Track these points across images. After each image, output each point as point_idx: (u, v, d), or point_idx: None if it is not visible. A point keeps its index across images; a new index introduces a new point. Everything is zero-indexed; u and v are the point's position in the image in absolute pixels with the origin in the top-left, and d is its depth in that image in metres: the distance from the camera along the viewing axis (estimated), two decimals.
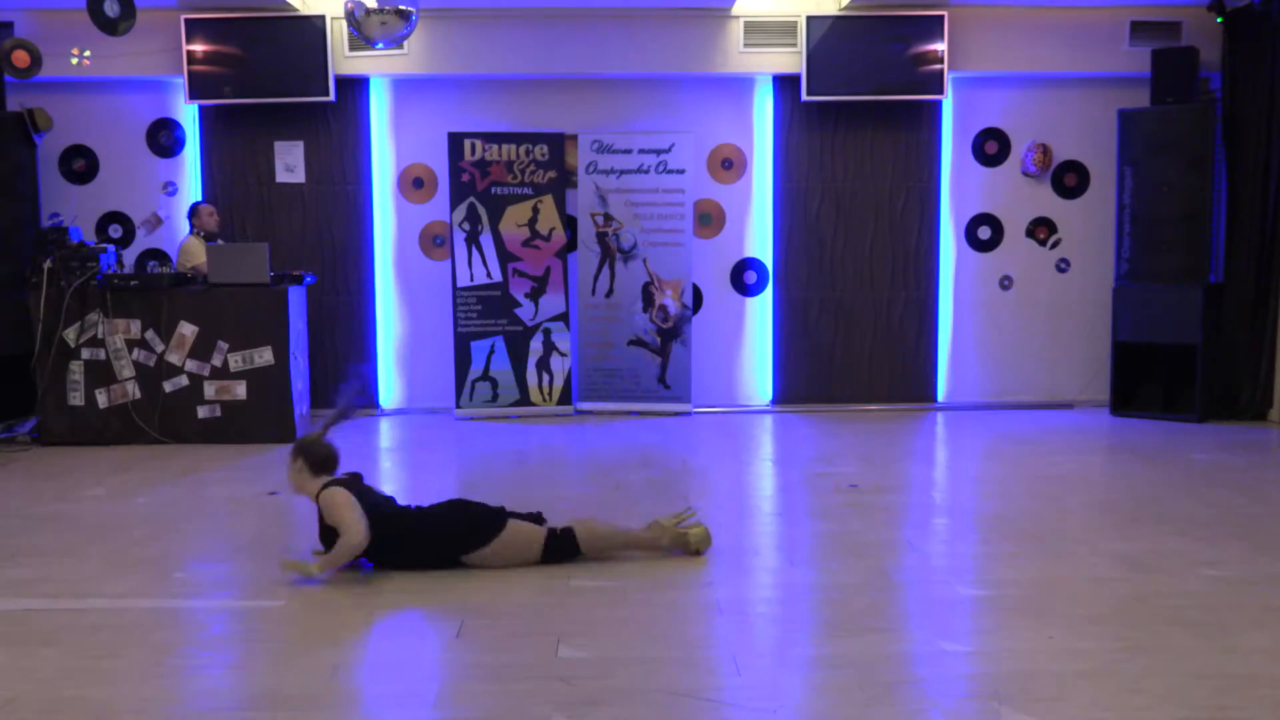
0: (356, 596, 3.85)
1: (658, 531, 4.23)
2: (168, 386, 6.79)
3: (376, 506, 4.07)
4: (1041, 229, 8.25)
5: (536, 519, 4.23)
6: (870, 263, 8.18)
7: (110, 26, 6.74)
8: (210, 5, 7.59)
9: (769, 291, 8.24)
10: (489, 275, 7.89)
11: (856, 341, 8.22)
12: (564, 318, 7.98)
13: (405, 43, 6.65)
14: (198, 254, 7.19)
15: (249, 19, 7.62)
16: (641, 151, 7.92)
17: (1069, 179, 8.23)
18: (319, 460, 4.15)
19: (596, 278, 8.01)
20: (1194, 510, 5.00)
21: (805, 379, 8.23)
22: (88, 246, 6.82)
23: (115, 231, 8.04)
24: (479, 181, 7.85)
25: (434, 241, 8.14)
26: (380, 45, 5.71)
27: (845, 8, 7.68)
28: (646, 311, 7.99)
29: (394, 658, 3.29)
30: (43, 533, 4.76)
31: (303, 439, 4.26)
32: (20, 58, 7.33)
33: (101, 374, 6.77)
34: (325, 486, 4.06)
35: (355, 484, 4.14)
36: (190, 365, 6.79)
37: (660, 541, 4.22)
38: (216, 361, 6.79)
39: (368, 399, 4.17)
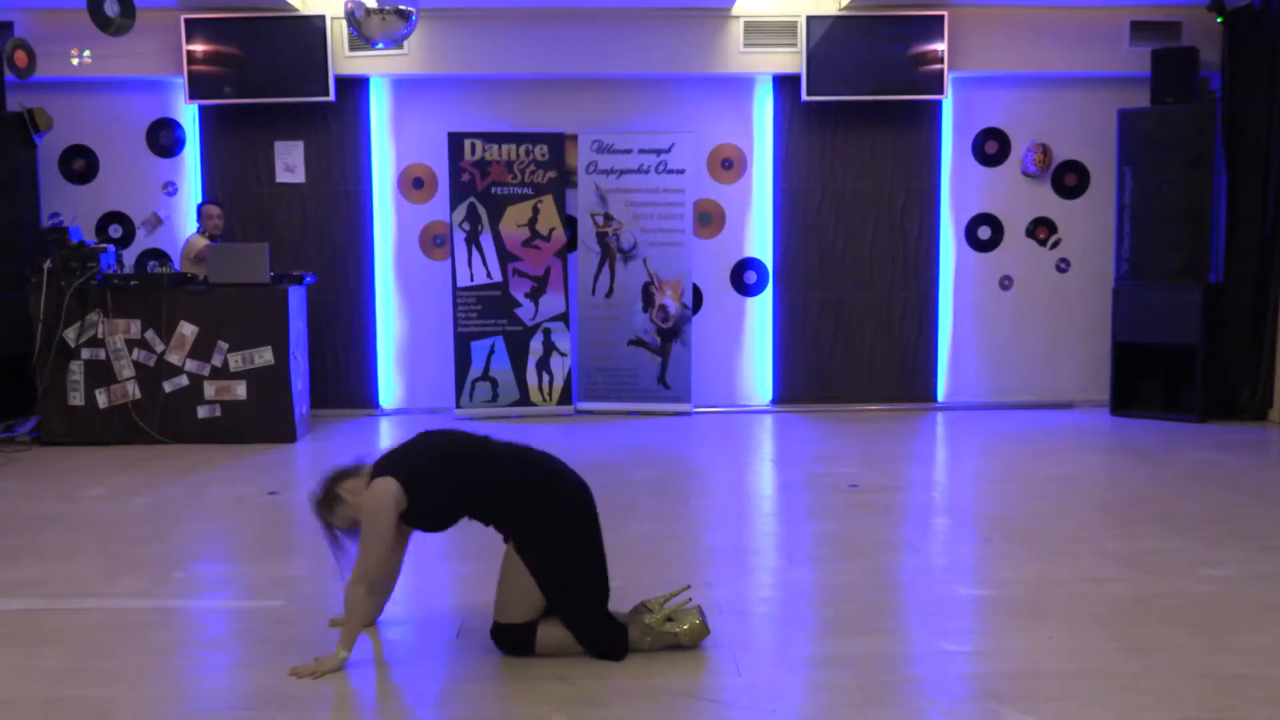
0: None
1: (641, 631, 3.24)
2: (168, 386, 6.79)
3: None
4: (1041, 229, 8.25)
5: None
6: (870, 263, 8.18)
7: (109, 27, 6.73)
8: (210, 5, 7.59)
9: (769, 291, 8.24)
10: (489, 275, 7.89)
11: (856, 341, 8.22)
12: (564, 318, 7.98)
13: (405, 43, 6.65)
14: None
15: (249, 19, 7.62)
16: (641, 151, 7.92)
17: (1069, 179, 8.22)
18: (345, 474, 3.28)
19: (596, 278, 8.00)
20: (1194, 510, 5.00)
21: (805, 379, 8.23)
22: (88, 246, 6.82)
23: (115, 231, 8.03)
24: (479, 181, 7.84)
25: (434, 241, 8.14)
26: (380, 45, 5.71)
27: (845, 8, 7.68)
28: (646, 311, 7.99)
29: (394, 658, 3.29)
30: (43, 533, 4.77)
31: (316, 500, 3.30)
32: (20, 58, 7.33)
33: (101, 374, 6.77)
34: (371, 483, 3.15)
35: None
36: (190, 365, 6.79)
37: (641, 644, 3.24)
38: (216, 361, 6.79)
39: None
